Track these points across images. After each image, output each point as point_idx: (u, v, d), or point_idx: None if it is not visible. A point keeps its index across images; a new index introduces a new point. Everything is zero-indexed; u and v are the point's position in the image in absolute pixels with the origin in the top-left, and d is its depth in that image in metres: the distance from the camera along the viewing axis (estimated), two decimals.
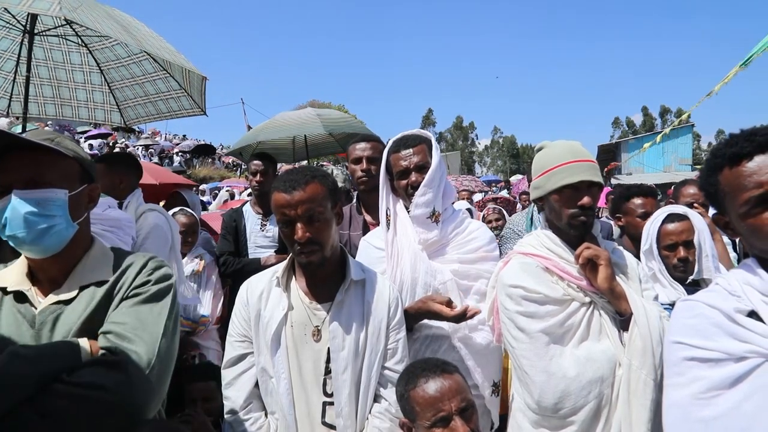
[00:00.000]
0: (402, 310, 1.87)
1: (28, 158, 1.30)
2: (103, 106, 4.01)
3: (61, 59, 3.85)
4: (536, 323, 1.72)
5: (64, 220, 1.34)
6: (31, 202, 1.28)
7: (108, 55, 3.79)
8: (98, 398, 1.19)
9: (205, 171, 23.01)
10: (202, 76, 3.48)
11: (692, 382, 1.09)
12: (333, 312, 1.72)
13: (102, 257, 1.44)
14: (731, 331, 1.09)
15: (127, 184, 2.88)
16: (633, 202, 2.87)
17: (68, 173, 1.37)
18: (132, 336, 1.29)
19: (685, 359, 1.12)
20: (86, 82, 3.94)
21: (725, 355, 1.07)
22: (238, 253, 3.68)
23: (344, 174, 3.52)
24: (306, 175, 1.68)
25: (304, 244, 1.64)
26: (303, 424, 1.69)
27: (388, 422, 1.71)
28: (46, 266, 1.38)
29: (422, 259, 2.05)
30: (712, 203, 1.27)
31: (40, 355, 1.20)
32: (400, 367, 1.77)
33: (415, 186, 2.04)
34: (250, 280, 1.85)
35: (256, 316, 1.76)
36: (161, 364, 1.32)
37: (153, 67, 3.73)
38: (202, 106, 3.80)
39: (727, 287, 1.17)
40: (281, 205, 1.65)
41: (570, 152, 1.79)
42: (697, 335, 1.12)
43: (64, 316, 1.33)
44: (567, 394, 1.66)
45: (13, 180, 1.28)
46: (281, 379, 1.69)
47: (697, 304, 1.17)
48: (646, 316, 1.67)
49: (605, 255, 1.74)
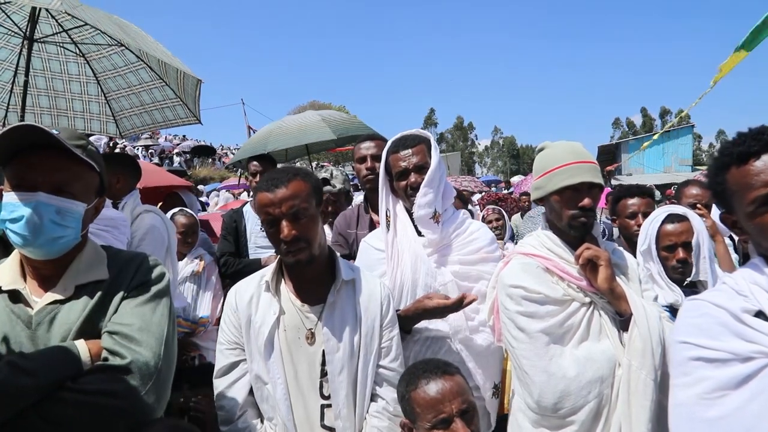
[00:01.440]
0: (394, 307, 1.86)
1: (58, 162, 1.29)
2: (99, 116, 4.03)
3: (58, 69, 3.87)
4: (536, 323, 1.73)
5: (74, 232, 1.35)
6: (53, 208, 1.28)
7: (105, 64, 3.80)
8: (108, 405, 1.20)
9: (206, 171, 23.02)
10: (197, 78, 3.47)
11: (698, 382, 1.08)
12: (326, 314, 1.70)
13: (96, 256, 1.43)
14: (738, 331, 1.08)
15: (125, 184, 2.86)
16: (623, 203, 2.89)
17: (90, 186, 1.39)
18: (139, 338, 1.29)
19: (691, 359, 1.10)
20: (83, 93, 3.95)
21: (732, 356, 1.06)
22: (239, 254, 3.67)
23: (344, 175, 3.50)
24: (288, 174, 1.67)
25: (290, 242, 1.61)
26: (302, 428, 1.68)
27: (387, 421, 1.71)
28: (41, 266, 1.37)
29: (423, 260, 2.04)
30: (719, 202, 1.26)
31: (40, 366, 1.19)
32: (395, 365, 1.77)
33: (415, 187, 2.03)
34: (238, 286, 1.82)
35: (246, 322, 1.73)
36: (166, 367, 1.32)
37: (149, 75, 3.75)
38: (196, 114, 3.82)
39: (734, 287, 1.16)
40: (265, 205, 1.63)
41: (571, 153, 1.80)
42: (703, 335, 1.11)
43: (60, 316, 1.32)
44: (567, 394, 1.66)
45: (39, 181, 1.28)
46: (277, 384, 1.67)
47: (704, 304, 1.16)
48: (646, 317, 1.67)
49: (605, 256, 1.75)
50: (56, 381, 1.19)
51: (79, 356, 1.25)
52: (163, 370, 1.30)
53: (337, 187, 3.35)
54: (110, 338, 1.29)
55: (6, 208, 1.28)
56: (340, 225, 2.76)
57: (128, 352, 1.27)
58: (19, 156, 1.28)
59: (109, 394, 1.20)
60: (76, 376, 1.22)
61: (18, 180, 1.28)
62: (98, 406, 1.19)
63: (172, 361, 1.37)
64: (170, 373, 1.35)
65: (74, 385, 1.20)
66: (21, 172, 1.28)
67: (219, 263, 3.68)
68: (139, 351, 1.28)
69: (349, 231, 2.70)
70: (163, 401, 1.31)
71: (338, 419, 1.67)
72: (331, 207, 3.29)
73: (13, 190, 1.28)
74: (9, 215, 1.27)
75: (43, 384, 1.17)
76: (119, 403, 1.20)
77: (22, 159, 1.28)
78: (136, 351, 1.27)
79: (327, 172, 3.45)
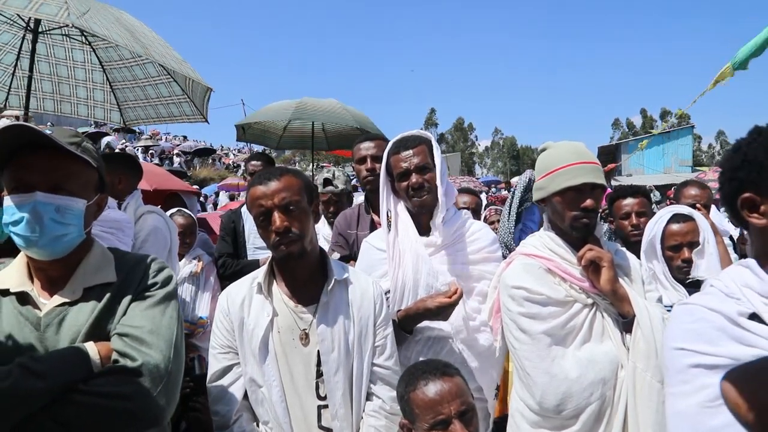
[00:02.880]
0: (386, 306, 1.86)
1: (54, 161, 1.30)
2: (103, 104, 4.00)
3: (63, 56, 3.83)
4: (538, 324, 1.72)
5: (77, 229, 1.35)
6: (52, 207, 1.28)
7: (111, 55, 3.78)
8: (120, 407, 1.20)
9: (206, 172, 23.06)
10: (207, 87, 3.46)
11: (699, 390, 1.04)
12: (319, 314, 1.70)
13: (103, 258, 1.43)
14: (736, 336, 1.05)
15: (126, 184, 2.86)
16: (618, 204, 2.90)
17: (88, 183, 1.39)
18: (149, 340, 1.30)
19: (690, 366, 1.07)
20: (87, 80, 3.92)
21: (732, 361, 1.03)
22: (237, 255, 3.66)
23: (346, 176, 3.49)
24: (280, 170, 1.73)
25: (282, 233, 1.62)
26: (300, 430, 1.67)
27: (383, 420, 1.71)
28: (48, 267, 1.36)
29: (424, 260, 2.03)
30: (745, 178, 1.13)
31: (51, 368, 1.19)
32: (389, 363, 1.78)
33: (416, 187, 2.03)
34: (229, 289, 1.81)
35: (239, 325, 1.72)
36: (176, 369, 1.33)
37: (157, 71, 3.71)
38: (204, 113, 3.80)
39: (723, 289, 1.13)
40: (257, 197, 1.65)
41: (573, 154, 1.80)
42: (700, 340, 1.08)
43: (69, 318, 1.32)
44: (569, 396, 1.66)
45: (36, 181, 1.28)
46: (273, 386, 1.66)
47: (697, 308, 1.12)
48: (649, 318, 1.67)
49: (608, 257, 1.74)
50: (67, 383, 1.19)
51: (89, 358, 1.25)
52: (172, 373, 1.31)
53: (340, 187, 3.35)
54: (120, 340, 1.29)
55: (7, 211, 1.28)
56: (340, 225, 2.75)
57: (139, 354, 1.27)
58: (14, 158, 1.28)
59: (121, 396, 1.20)
60: (86, 378, 1.22)
61: (15, 182, 1.28)
62: (110, 409, 1.19)
63: (181, 363, 1.37)
64: (179, 376, 1.36)
65: (86, 387, 1.20)
66: (17, 173, 1.28)
67: (217, 264, 3.67)
68: (150, 353, 1.28)
69: (349, 231, 2.70)
70: (172, 404, 1.32)
71: (335, 419, 1.66)
72: (333, 207, 3.28)
73: (12, 193, 1.28)
74: (10, 218, 1.27)
75: (54, 386, 1.17)
76: (130, 405, 1.21)
77: (18, 161, 1.28)
78: (146, 353, 1.27)
79: (329, 172, 3.44)
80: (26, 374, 1.15)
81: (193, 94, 3.71)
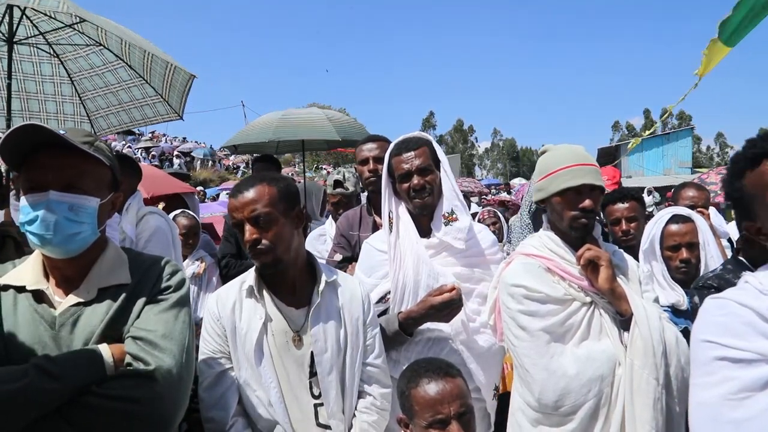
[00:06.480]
0: (373, 306, 1.89)
1: (67, 160, 1.31)
2: (73, 117, 3.96)
3: (31, 71, 3.80)
4: (537, 322, 1.75)
5: (91, 227, 1.36)
6: (65, 205, 1.30)
7: (81, 64, 3.74)
8: (132, 411, 1.21)
9: (206, 173, 23.02)
10: (189, 74, 3.41)
11: (723, 382, 1.05)
12: (312, 316, 1.71)
13: (117, 259, 1.44)
14: (764, 331, 1.05)
15: (127, 185, 2.86)
16: (609, 210, 2.85)
17: (102, 181, 1.40)
18: (162, 345, 1.30)
19: (715, 359, 1.07)
20: (56, 94, 3.88)
21: (758, 356, 1.03)
22: (240, 256, 3.68)
23: (356, 177, 3.50)
24: (255, 179, 1.71)
25: (251, 245, 1.64)
26: (299, 429, 1.69)
27: (375, 415, 1.75)
28: (63, 266, 1.37)
29: (425, 261, 2.05)
30: (740, 211, 1.23)
31: (66, 370, 1.20)
32: (379, 361, 1.82)
33: (417, 189, 2.05)
34: (218, 293, 1.81)
35: (231, 329, 1.71)
36: (187, 374, 1.33)
37: (128, 74, 3.68)
38: (179, 111, 3.73)
39: (757, 286, 1.12)
40: (231, 210, 1.68)
41: (573, 156, 1.84)
42: (727, 334, 1.08)
43: (83, 319, 1.33)
44: (567, 392, 1.69)
45: (50, 180, 1.29)
46: (271, 388, 1.67)
47: (728, 302, 1.12)
48: (647, 317, 1.70)
49: (606, 256, 1.78)
50: (81, 385, 1.20)
51: (103, 360, 1.26)
52: (184, 378, 1.31)
53: (350, 189, 3.37)
54: (134, 344, 1.30)
55: (23, 211, 1.30)
56: (342, 227, 2.77)
57: (152, 358, 1.27)
58: (28, 159, 1.30)
59: (134, 400, 1.21)
60: (100, 380, 1.23)
61: (29, 182, 1.30)
62: (122, 412, 1.20)
63: (192, 368, 1.38)
64: (190, 381, 1.36)
65: (99, 390, 1.21)
66: (31, 173, 1.30)
67: (220, 265, 3.69)
68: (163, 358, 1.28)
69: (351, 233, 2.71)
70: (183, 409, 1.32)
71: (332, 418, 1.69)
72: (343, 209, 3.30)
73: (27, 193, 1.29)
74: (25, 218, 1.29)
75: (68, 388, 1.17)
76: (143, 409, 1.21)
77: (31, 161, 1.30)
78: (159, 358, 1.28)
79: (340, 174, 3.47)
80: (42, 375, 1.16)
81: (171, 87, 3.62)
